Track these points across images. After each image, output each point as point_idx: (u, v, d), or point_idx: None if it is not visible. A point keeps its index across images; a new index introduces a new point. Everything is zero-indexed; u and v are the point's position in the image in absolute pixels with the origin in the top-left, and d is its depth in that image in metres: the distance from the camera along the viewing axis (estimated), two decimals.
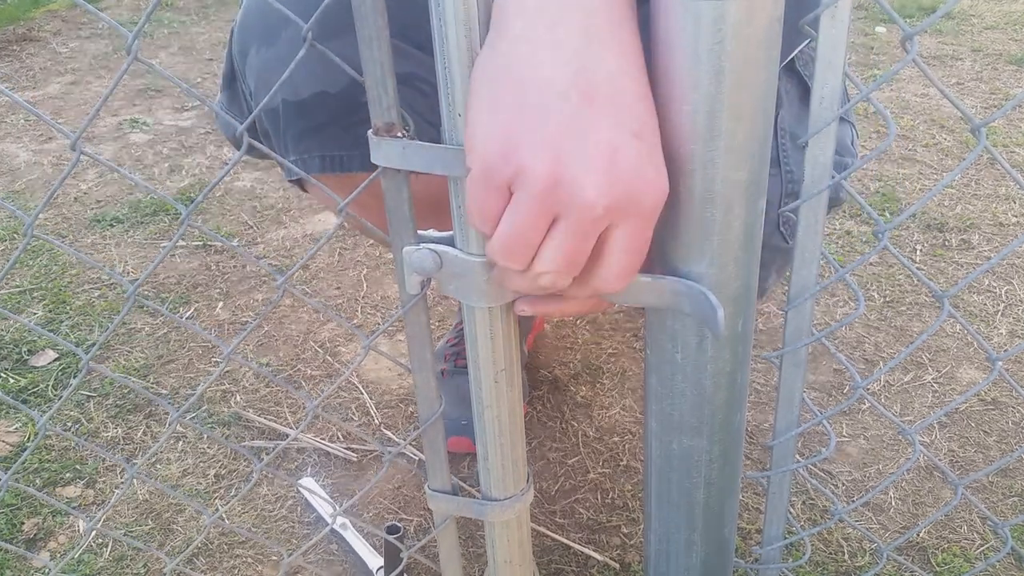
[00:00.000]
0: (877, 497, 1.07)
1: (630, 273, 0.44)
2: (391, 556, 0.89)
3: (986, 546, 1.00)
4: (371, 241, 1.66)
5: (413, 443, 1.18)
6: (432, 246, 0.47)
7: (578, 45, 0.39)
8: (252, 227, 1.74)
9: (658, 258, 0.47)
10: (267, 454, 1.16)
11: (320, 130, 0.77)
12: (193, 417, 1.22)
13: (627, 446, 1.17)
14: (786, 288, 0.54)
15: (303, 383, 1.29)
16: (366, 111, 0.43)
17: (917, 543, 1.01)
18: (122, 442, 1.18)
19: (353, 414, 1.23)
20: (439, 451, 0.58)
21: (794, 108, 0.86)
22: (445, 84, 0.41)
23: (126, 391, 1.27)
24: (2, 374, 1.31)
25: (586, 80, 0.39)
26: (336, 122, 0.75)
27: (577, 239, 0.41)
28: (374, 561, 0.96)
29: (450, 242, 0.47)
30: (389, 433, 1.19)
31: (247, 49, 0.75)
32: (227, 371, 1.31)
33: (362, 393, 1.27)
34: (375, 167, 0.45)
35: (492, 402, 0.52)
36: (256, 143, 0.46)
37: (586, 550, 1.01)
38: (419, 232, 0.48)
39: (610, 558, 1.00)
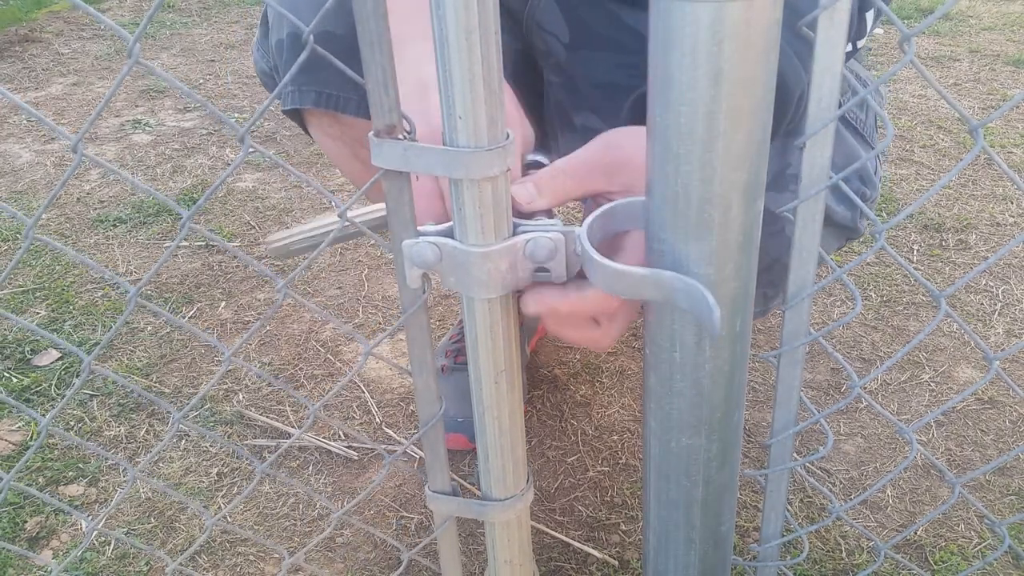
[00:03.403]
0: (875, 495, 1.08)
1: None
2: None
3: (983, 544, 1.01)
4: (372, 241, 1.67)
5: (414, 443, 1.19)
6: (431, 239, 0.47)
7: None
8: (254, 227, 1.74)
9: (656, 257, 0.47)
10: (269, 452, 1.16)
11: (321, 67, 0.79)
12: (195, 416, 1.23)
13: (626, 444, 1.18)
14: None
15: (305, 382, 1.30)
16: None
17: (915, 541, 1.01)
18: (124, 440, 1.19)
19: (354, 412, 1.24)
20: (439, 453, 0.59)
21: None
22: (445, 87, 0.42)
23: (129, 389, 1.27)
24: (5, 373, 1.31)
25: None
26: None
27: None
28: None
29: (449, 234, 0.47)
30: (390, 431, 1.20)
31: None
32: (230, 370, 1.32)
33: (363, 391, 1.28)
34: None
35: (492, 404, 0.53)
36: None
37: (585, 547, 1.02)
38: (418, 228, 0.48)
39: (609, 555, 1.01)
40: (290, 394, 0.53)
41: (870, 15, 0.77)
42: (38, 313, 1.46)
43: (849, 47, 0.81)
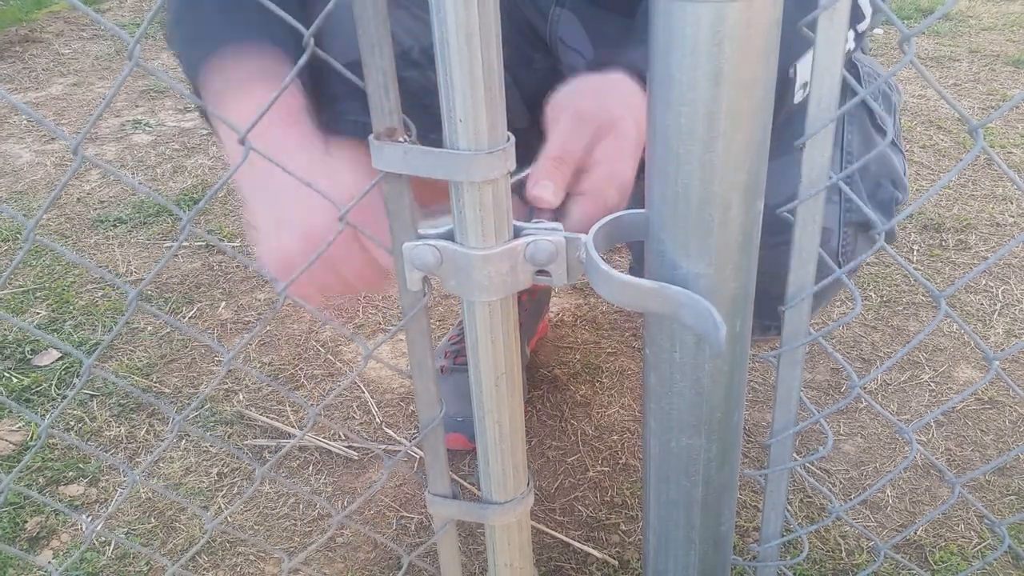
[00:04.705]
0: (874, 495, 1.08)
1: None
2: None
3: (983, 544, 1.01)
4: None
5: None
6: (432, 241, 0.47)
7: None
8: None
9: (657, 257, 0.47)
10: (269, 452, 1.16)
11: (353, 96, 0.78)
12: (196, 416, 1.23)
13: (626, 444, 1.18)
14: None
15: (305, 382, 1.30)
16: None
17: (914, 541, 1.01)
18: (125, 441, 1.19)
19: (354, 413, 1.24)
20: (439, 456, 0.59)
21: (863, 132, 0.85)
22: (446, 90, 0.42)
23: (129, 389, 1.28)
24: (5, 374, 1.31)
25: None
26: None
27: None
28: None
29: (449, 237, 0.47)
30: (390, 431, 1.20)
31: None
32: (230, 370, 1.32)
33: (363, 391, 1.28)
34: None
35: (493, 407, 0.53)
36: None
37: (585, 547, 1.02)
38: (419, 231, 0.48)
39: (609, 555, 1.01)
40: (289, 396, 0.53)
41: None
42: (38, 313, 1.46)
43: (851, 33, 0.81)
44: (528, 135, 0.56)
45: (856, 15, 0.76)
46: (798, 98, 0.70)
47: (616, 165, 0.57)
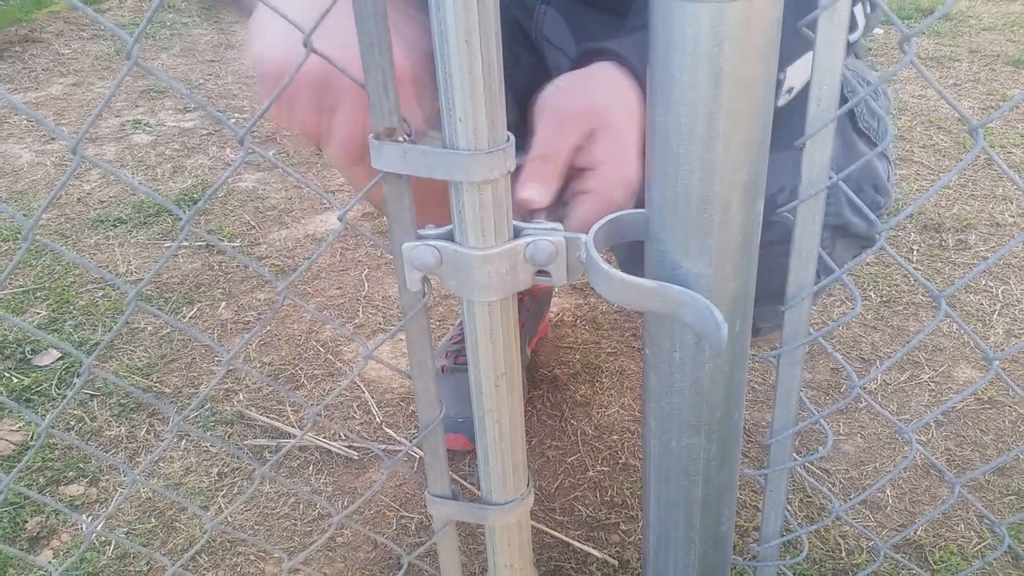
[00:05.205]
0: (874, 495, 1.08)
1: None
2: None
3: (983, 544, 1.01)
4: (372, 241, 1.67)
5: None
6: (432, 242, 0.47)
7: None
8: (254, 227, 1.74)
9: (657, 257, 0.47)
10: (269, 452, 1.16)
11: None
12: (196, 416, 1.23)
13: (626, 444, 1.18)
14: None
15: (305, 382, 1.30)
16: None
17: (914, 541, 1.01)
18: (125, 440, 1.19)
19: (354, 412, 1.24)
20: (439, 457, 0.59)
21: (844, 136, 0.85)
22: (445, 89, 0.42)
23: (129, 389, 1.28)
24: (5, 373, 1.31)
25: None
26: None
27: None
28: None
29: (449, 237, 0.47)
30: (390, 431, 1.20)
31: None
32: (230, 369, 1.32)
33: (363, 391, 1.28)
34: None
35: (493, 407, 0.53)
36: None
37: (585, 547, 1.02)
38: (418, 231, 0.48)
39: (609, 555, 1.01)
40: (290, 397, 0.53)
41: (858, 9, 0.76)
42: (39, 313, 1.46)
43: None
44: (516, 131, 0.55)
45: (851, 24, 0.76)
46: (781, 101, 0.70)
47: (621, 163, 0.56)
